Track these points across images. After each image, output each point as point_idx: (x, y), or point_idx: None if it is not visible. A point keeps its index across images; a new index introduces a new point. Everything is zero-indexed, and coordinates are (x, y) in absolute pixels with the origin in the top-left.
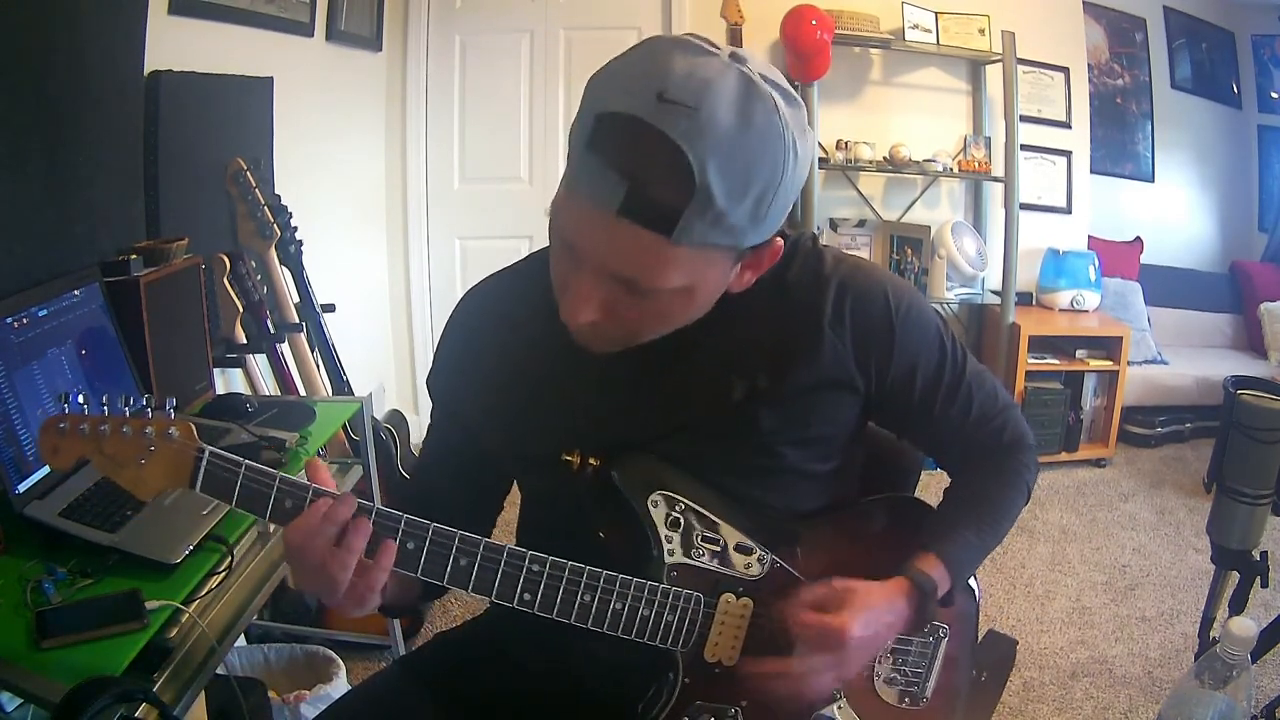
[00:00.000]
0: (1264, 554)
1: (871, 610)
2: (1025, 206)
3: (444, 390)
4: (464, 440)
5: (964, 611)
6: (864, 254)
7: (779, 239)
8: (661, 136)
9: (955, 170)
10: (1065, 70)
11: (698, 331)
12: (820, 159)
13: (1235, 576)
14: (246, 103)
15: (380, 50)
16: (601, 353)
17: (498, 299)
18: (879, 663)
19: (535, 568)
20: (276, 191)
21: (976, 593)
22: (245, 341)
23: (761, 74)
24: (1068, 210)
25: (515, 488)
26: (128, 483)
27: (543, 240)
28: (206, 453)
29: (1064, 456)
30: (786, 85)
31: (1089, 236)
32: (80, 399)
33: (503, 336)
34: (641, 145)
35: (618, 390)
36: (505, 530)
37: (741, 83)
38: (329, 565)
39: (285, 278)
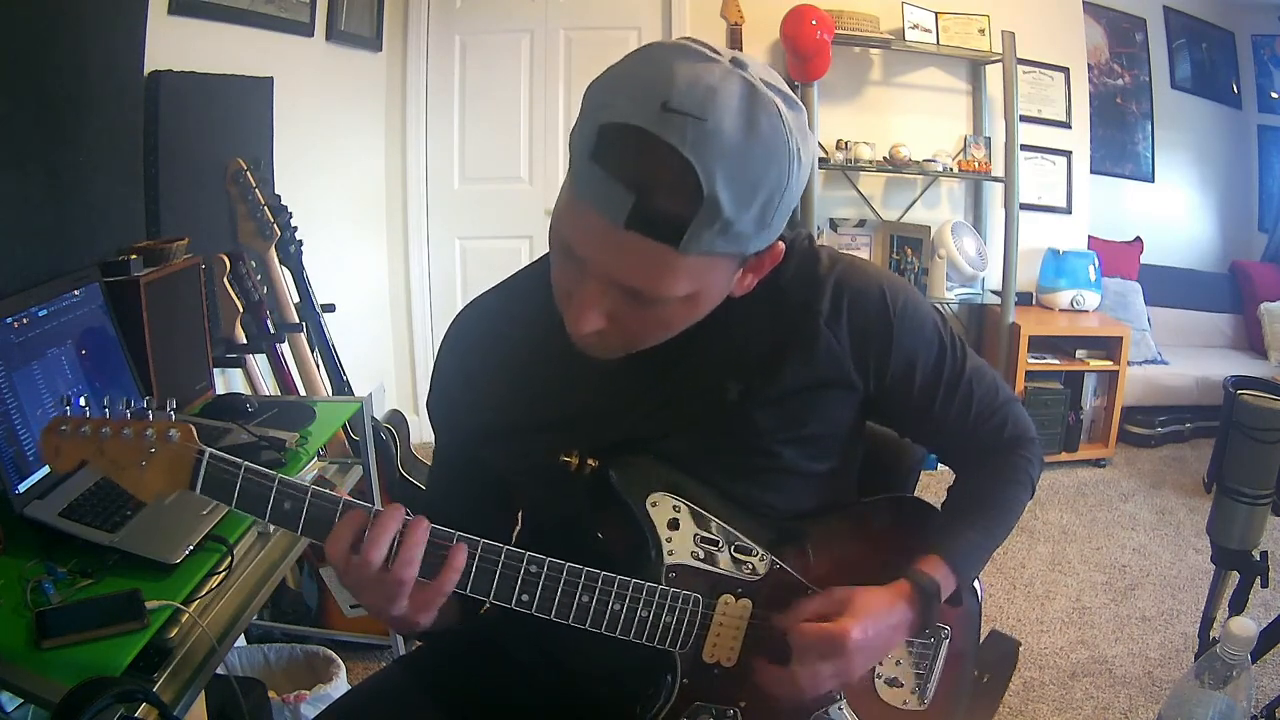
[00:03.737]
0: (1264, 554)
1: (872, 615)
2: (1025, 206)
3: (443, 412)
4: (469, 463)
5: (967, 612)
6: (864, 254)
7: (780, 242)
8: (668, 147)
9: (955, 170)
10: (1065, 70)
11: (694, 332)
12: (820, 159)
13: (1235, 576)
14: (246, 103)
15: (380, 50)
16: (601, 359)
17: (490, 318)
18: (880, 664)
19: (533, 568)
20: (276, 191)
21: (979, 592)
22: (245, 341)
23: (762, 79)
24: (1068, 210)
25: None
26: (129, 484)
27: (543, 239)
28: (206, 454)
29: (1064, 456)
30: (786, 89)
31: (1089, 236)
32: (82, 401)
33: (498, 354)
34: (648, 156)
35: (615, 391)
36: None
37: (745, 89)
38: (391, 578)
39: (285, 278)
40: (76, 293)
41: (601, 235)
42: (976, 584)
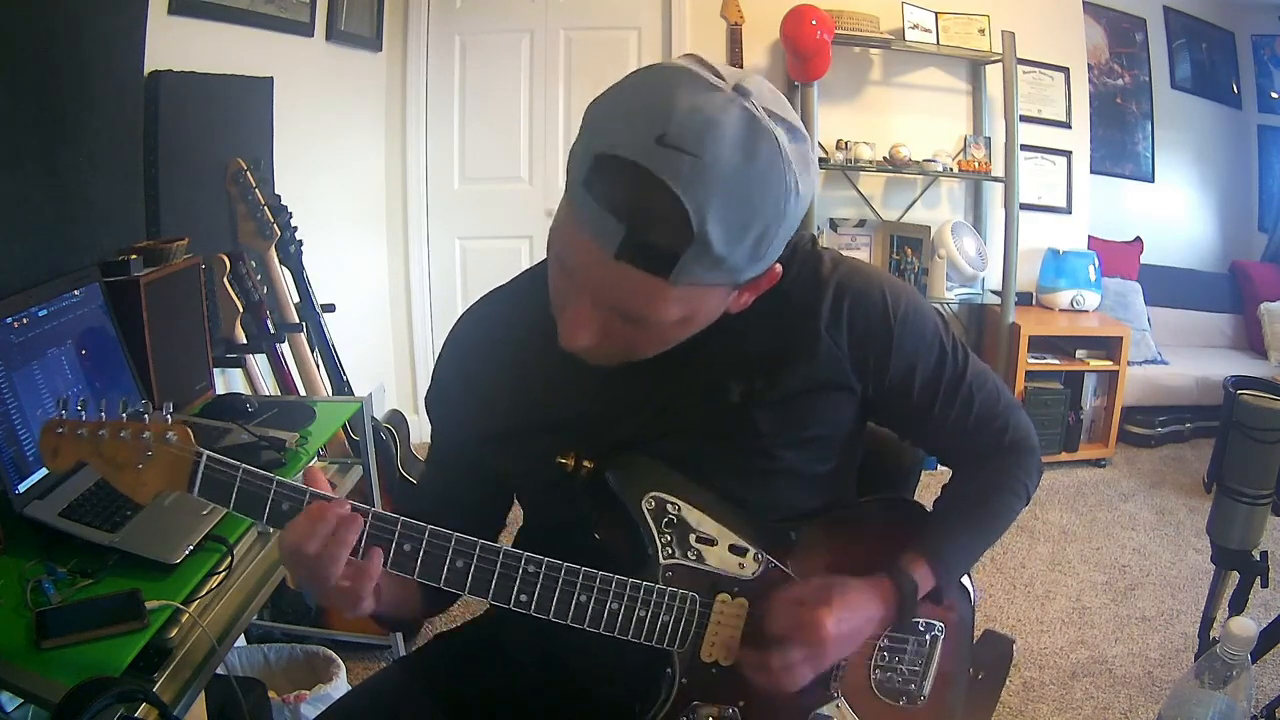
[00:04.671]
0: (1264, 554)
1: (849, 606)
2: (1025, 206)
3: (441, 412)
4: (464, 462)
5: (960, 611)
6: (864, 254)
7: (778, 264)
8: (660, 183)
9: (955, 170)
10: (1065, 70)
11: (696, 336)
12: (820, 159)
13: (1235, 576)
14: (246, 103)
15: (380, 50)
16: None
17: (491, 322)
18: (876, 662)
19: (531, 569)
20: (276, 191)
21: (973, 593)
22: (245, 341)
23: (766, 108)
24: (1068, 210)
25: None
26: (126, 486)
27: (542, 239)
28: (204, 456)
29: (1064, 456)
30: (791, 117)
31: (1089, 236)
32: (79, 404)
33: (498, 358)
34: (640, 191)
35: (614, 392)
36: (512, 526)
37: (745, 122)
38: (320, 560)
39: (285, 278)
40: (76, 293)
41: (594, 260)
42: (971, 586)
